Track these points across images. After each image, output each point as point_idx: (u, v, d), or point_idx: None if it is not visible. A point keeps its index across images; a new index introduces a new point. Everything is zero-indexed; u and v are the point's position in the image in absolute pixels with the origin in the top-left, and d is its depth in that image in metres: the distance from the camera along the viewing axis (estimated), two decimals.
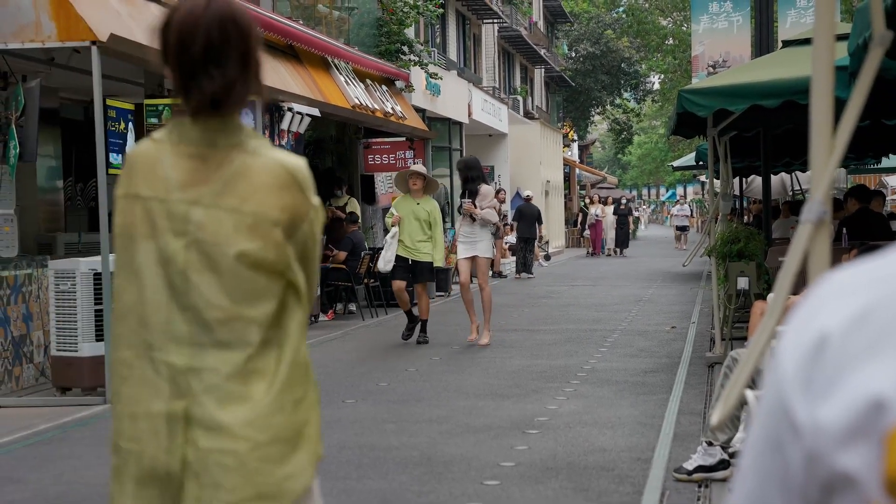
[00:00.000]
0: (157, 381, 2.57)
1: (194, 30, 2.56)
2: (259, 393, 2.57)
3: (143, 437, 2.58)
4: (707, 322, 14.86)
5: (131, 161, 2.68)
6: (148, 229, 2.59)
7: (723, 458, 6.45)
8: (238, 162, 2.61)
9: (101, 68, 9.92)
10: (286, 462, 2.60)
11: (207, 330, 2.57)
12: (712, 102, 10.19)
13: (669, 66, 35.33)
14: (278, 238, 2.60)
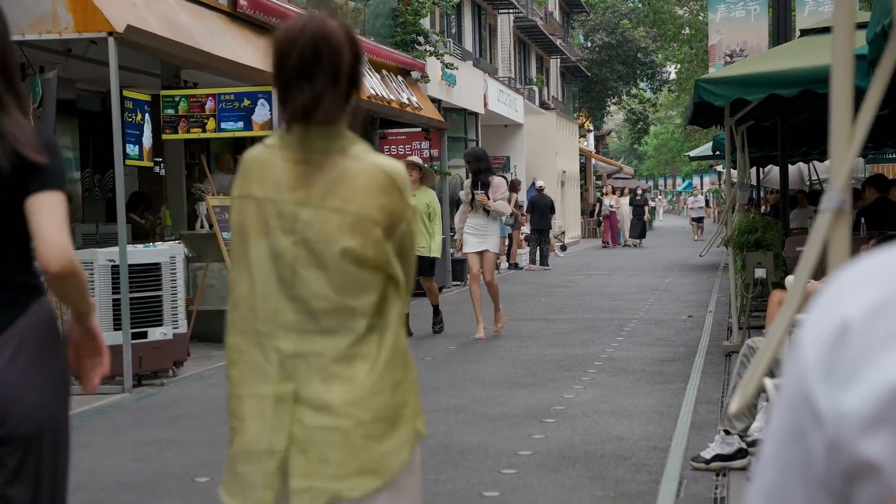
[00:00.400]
0: (266, 366, 2.79)
1: (290, 48, 2.80)
2: (362, 375, 2.78)
3: (247, 417, 2.80)
4: (724, 311, 14.84)
5: (246, 164, 2.92)
6: (261, 227, 2.83)
7: (740, 447, 6.44)
8: (341, 166, 2.82)
9: (117, 59, 9.95)
10: (386, 439, 2.80)
11: (314, 319, 2.79)
12: (729, 92, 10.16)
13: (686, 56, 35.22)
14: (378, 236, 2.80)
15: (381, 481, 2.79)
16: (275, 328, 2.81)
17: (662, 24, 35.73)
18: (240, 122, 13.10)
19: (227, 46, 12.87)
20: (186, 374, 10.68)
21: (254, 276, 2.83)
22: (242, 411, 2.83)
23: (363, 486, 2.77)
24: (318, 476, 2.75)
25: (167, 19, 11.47)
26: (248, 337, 2.84)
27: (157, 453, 7.35)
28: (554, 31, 47.98)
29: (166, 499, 6.21)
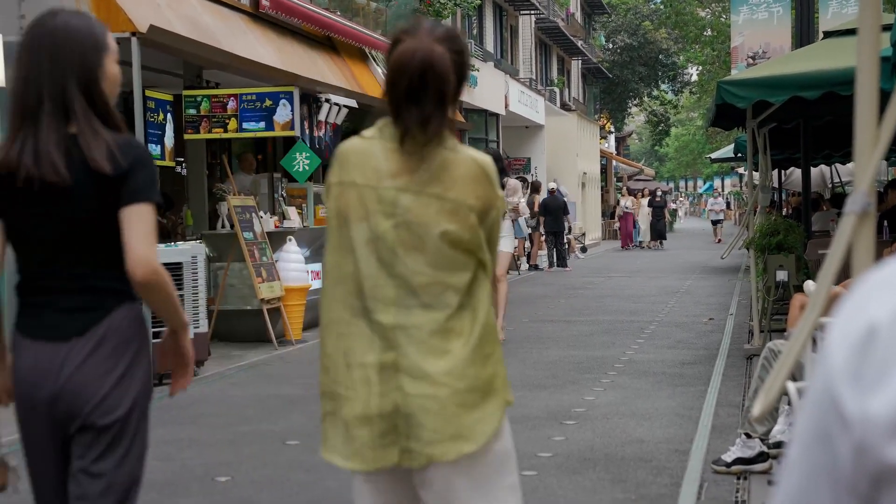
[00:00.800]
0: (371, 337, 3.03)
1: (401, 75, 3.02)
2: (457, 348, 3.02)
3: (356, 384, 3.04)
4: (745, 314, 14.79)
5: (344, 154, 3.13)
6: (361, 212, 3.06)
7: (762, 451, 6.42)
8: (440, 157, 3.06)
9: (140, 59, 9.98)
10: (478, 408, 3.03)
11: (413, 294, 3.03)
12: (752, 94, 10.13)
13: (708, 58, 35.11)
14: (473, 222, 3.06)
15: (473, 446, 3.01)
16: (376, 303, 3.04)
17: (684, 26, 35.61)
18: (261, 122, 13.14)
19: (249, 47, 12.91)
20: (207, 374, 10.70)
21: (356, 256, 3.07)
22: (352, 380, 3.07)
23: (457, 451, 2.99)
24: (416, 440, 2.99)
25: (190, 19, 11.51)
26: (353, 311, 3.07)
27: (178, 452, 7.37)
28: (575, 33, 47.92)
29: (187, 498, 6.23)
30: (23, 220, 3.20)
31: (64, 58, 3.18)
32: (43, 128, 3.15)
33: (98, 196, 3.12)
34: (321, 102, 14.77)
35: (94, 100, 3.20)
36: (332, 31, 16.19)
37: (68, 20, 3.24)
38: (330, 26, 16.04)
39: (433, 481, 3.05)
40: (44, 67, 3.19)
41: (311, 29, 15.54)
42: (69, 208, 3.13)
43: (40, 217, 3.17)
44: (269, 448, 7.45)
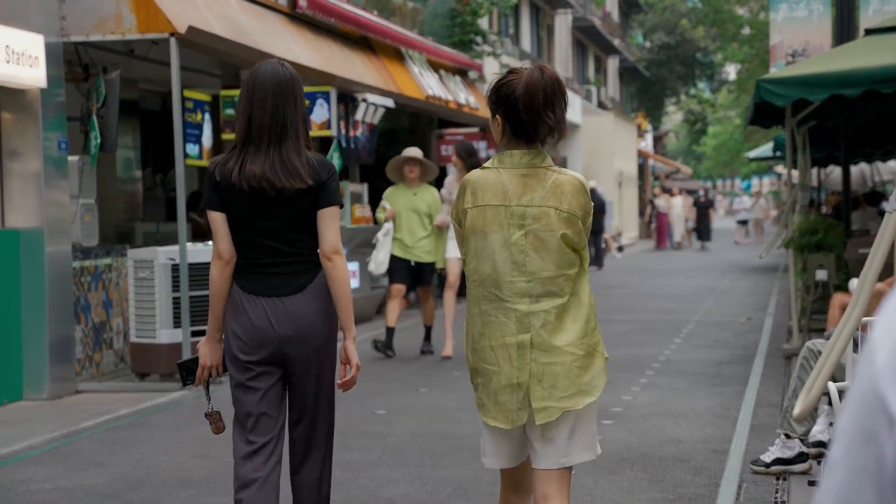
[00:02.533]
0: (509, 323, 3.88)
1: (536, 88, 3.86)
2: (574, 324, 3.91)
3: (500, 361, 3.88)
4: (784, 314, 14.71)
5: (473, 183, 3.98)
6: (497, 225, 3.91)
7: (801, 451, 6.38)
8: (552, 178, 3.94)
9: (179, 60, 10.03)
10: (591, 369, 3.92)
11: (541, 286, 3.89)
12: (791, 92, 10.06)
13: (746, 56, 34.91)
14: (579, 227, 3.93)
15: (593, 397, 3.91)
16: (512, 295, 3.89)
17: (722, 24, 35.41)
18: None
19: (286, 47, 12.94)
20: None
21: (494, 260, 3.91)
22: (496, 358, 3.91)
23: (583, 402, 3.88)
24: (551, 398, 3.84)
25: (228, 20, 11.56)
26: (494, 303, 3.92)
27: (216, 450, 7.40)
28: (612, 31, 47.78)
29: (225, 495, 6.25)
30: (247, 216, 4.30)
31: (287, 99, 4.30)
32: (279, 148, 4.28)
33: (307, 200, 4.29)
34: (358, 102, 14.79)
35: (304, 128, 4.38)
36: (369, 31, 16.21)
37: (283, 71, 4.37)
38: (367, 26, 16.07)
39: (553, 426, 3.88)
40: (269, 104, 4.27)
41: (348, 29, 15.57)
42: (292, 208, 4.29)
43: (269, 215, 4.29)
44: None
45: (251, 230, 4.32)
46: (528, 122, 3.90)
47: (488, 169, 4.00)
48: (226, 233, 4.34)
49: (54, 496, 6.35)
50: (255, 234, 4.32)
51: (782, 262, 22.49)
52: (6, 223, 9.62)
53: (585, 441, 3.96)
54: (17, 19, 9.19)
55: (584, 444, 3.96)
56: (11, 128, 9.58)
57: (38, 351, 9.52)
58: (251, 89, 4.31)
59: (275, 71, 4.33)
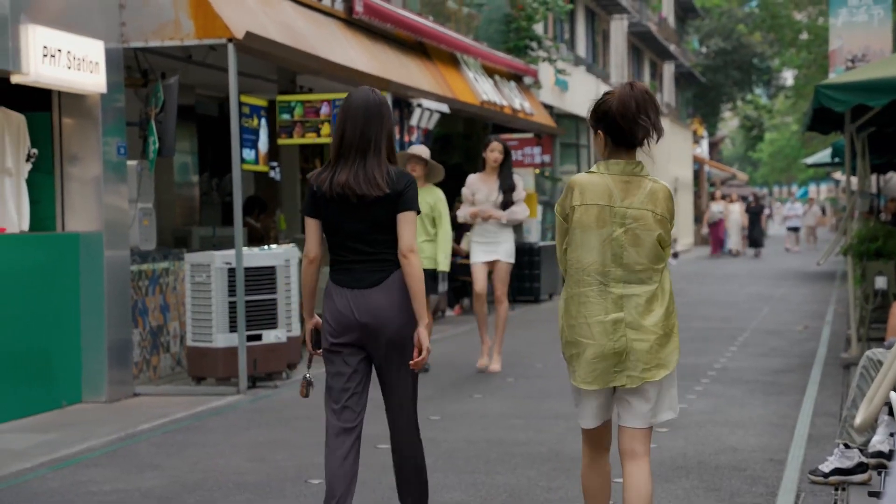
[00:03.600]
0: (606, 303, 4.62)
1: (629, 99, 4.59)
2: (659, 308, 4.65)
3: (596, 335, 4.61)
4: (842, 322, 14.56)
5: (581, 184, 4.68)
6: (599, 223, 4.63)
7: (861, 461, 6.30)
8: (649, 185, 4.68)
9: (236, 65, 10.10)
10: (669, 346, 4.67)
11: (634, 275, 4.63)
12: (851, 97, 9.98)
13: (804, 62, 34.61)
14: (669, 227, 4.70)
15: (668, 371, 4.64)
16: (609, 280, 4.63)
17: (780, 29, 35.13)
18: None
19: (342, 52, 13.00)
20: (300, 377, 10.77)
21: (595, 252, 4.64)
22: (592, 333, 4.62)
23: (660, 374, 4.62)
24: (635, 369, 4.60)
25: (285, 26, 11.62)
26: (594, 287, 4.64)
27: (271, 454, 7.44)
28: (668, 37, 47.56)
29: (280, 499, 6.28)
30: (337, 221, 5.01)
31: (373, 120, 5.02)
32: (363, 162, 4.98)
33: (387, 206, 4.97)
34: (413, 107, 14.82)
35: (388, 145, 5.06)
36: (424, 37, 16.25)
37: (372, 96, 5.09)
38: (422, 31, 16.10)
39: (641, 392, 4.64)
40: (359, 124, 5.00)
41: (404, 34, 15.61)
42: (374, 213, 4.98)
43: (356, 219, 4.99)
44: (360, 451, 7.48)
45: (340, 232, 5.04)
46: (626, 128, 4.64)
47: (595, 173, 4.73)
48: (315, 236, 5.09)
49: (112, 498, 6.41)
50: (343, 235, 5.03)
51: (840, 269, 22.28)
52: (66, 227, 9.72)
53: (668, 403, 4.72)
54: (78, 26, 9.30)
55: (667, 405, 4.72)
56: (72, 133, 9.69)
57: (97, 354, 9.61)
58: (345, 111, 5.06)
59: (365, 96, 5.08)
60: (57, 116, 9.69)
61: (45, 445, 7.87)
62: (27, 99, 9.44)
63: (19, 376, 8.93)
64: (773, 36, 38.08)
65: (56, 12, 9.09)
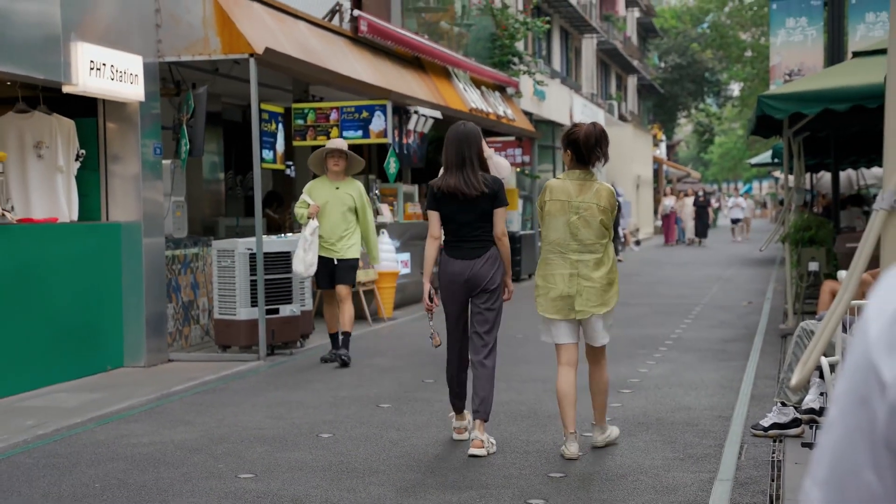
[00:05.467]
0: (565, 264, 5.97)
1: (589, 136, 5.94)
2: (604, 268, 5.98)
3: (558, 283, 5.98)
4: (780, 299, 14.59)
5: (551, 186, 6.06)
6: (562, 212, 5.97)
7: (795, 417, 6.33)
8: (596, 186, 6.01)
9: (257, 77, 10.07)
10: (610, 292, 6.01)
11: (585, 247, 5.97)
12: (788, 106, 9.98)
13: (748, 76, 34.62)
14: (609, 216, 5.98)
15: (609, 308, 6.02)
16: (568, 251, 5.98)
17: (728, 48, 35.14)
18: (359, 130, 13.20)
19: (349, 66, 12.97)
20: (311, 346, 10.79)
21: (558, 231, 6.00)
22: (555, 281, 6.00)
23: (603, 310, 5.99)
24: (585, 305, 5.96)
25: (299, 43, 11.59)
26: (557, 254, 6.01)
27: (287, 412, 7.45)
28: (631, 54, 47.50)
29: (295, 451, 6.29)
30: (452, 212, 6.31)
31: (470, 143, 6.35)
32: (462, 172, 6.30)
33: (488, 203, 6.29)
34: (410, 114, 14.79)
35: (479, 160, 6.36)
36: (420, 52, 16.22)
37: (469, 127, 6.46)
38: (418, 48, 16.07)
39: (590, 323, 6.03)
40: (461, 146, 6.34)
41: (402, 50, 15.58)
42: (478, 207, 6.28)
43: (466, 212, 6.28)
44: (364, 410, 7.50)
45: (454, 221, 6.35)
46: (585, 153, 6.01)
47: (560, 179, 6.07)
48: (437, 223, 6.38)
49: (150, 449, 6.41)
50: (456, 223, 6.34)
51: (779, 255, 22.31)
52: (110, 217, 9.70)
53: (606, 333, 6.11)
54: (120, 43, 9.27)
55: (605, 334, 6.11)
56: (114, 136, 9.66)
57: (137, 326, 9.61)
58: (449, 138, 6.42)
59: (462, 127, 6.44)
60: (102, 121, 9.66)
61: (92, 403, 7.87)
62: (76, 106, 9.42)
63: (70, 344, 8.93)
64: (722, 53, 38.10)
65: (101, 31, 9.06)
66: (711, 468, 5.71)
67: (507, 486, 5.41)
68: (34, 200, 9.21)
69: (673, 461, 5.89)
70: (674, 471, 5.67)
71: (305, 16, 12.50)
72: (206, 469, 5.86)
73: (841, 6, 14.91)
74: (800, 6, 17.60)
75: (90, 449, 6.44)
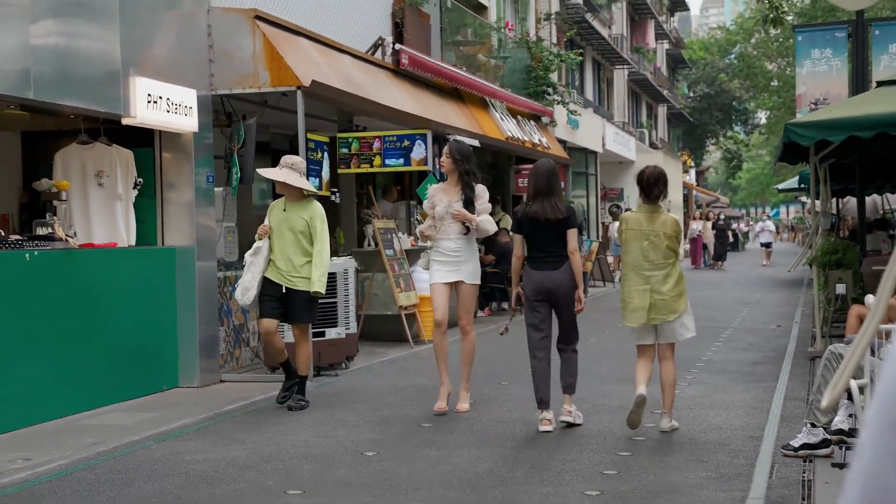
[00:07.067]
0: (640, 280, 7.10)
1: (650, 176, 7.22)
2: (671, 281, 7.09)
3: (634, 298, 7.11)
4: (808, 322, 14.46)
5: (626, 218, 7.31)
6: (635, 239, 7.14)
7: (825, 438, 6.28)
8: (663, 216, 7.15)
9: (304, 108, 10.17)
10: (679, 301, 7.13)
11: (655, 265, 7.08)
12: (814, 134, 9.94)
13: (774, 104, 34.41)
14: (675, 240, 7.11)
15: (678, 314, 7.12)
16: (642, 269, 7.11)
17: (755, 78, 34.97)
18: (401, 158, 13.27)
19: (391, 97, 13.06)
20: (356, 367, 10.83)
21: (633, 253, 7.13)
22: (632, 297, 7.14)
23: (672, 317, 7.09)
24: (657, 314, 7.10)
25: (344, 75, 11.70)
26: (634, 272, 7.14)
27: (333, 431, 7.48)
28: (661, 84, 47.39)
29: (341, 468, 6.32)
30: (534, 233, 7.39)
31: (552, 177, 7.48)
32: (550, 199, 7.37)
33: (563, 226, 7.35)
34: (449, 142, 14.83)
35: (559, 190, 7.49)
36: (459, 84, 16.29)
37: (550, 163, 7.64)
38: (457, 79, 16.14)
39: (662, 327, 7.17)
40: (545, 179, 7.44)
41: (442, 82, 15.66)
42: (556, 228, 7.35)
43: (545, 232, 7.35)
44: (407, 429, 7.52)
45: (535, 240, 7.42)
46: (648, 191, 7.19)
47: (634, 211, 7.32)
48: (521, 244, 7.48)
49: (204, 466, 6.47)
50: (537, 242, 7.42)
51: (807, 277, 22.11)
52: (165, 242, 9.82)
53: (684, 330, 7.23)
54: (176, 78, 9.40)
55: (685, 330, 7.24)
56: (169, 165, 9.79)
57: (191, 347, 9.69)
58: (535, 172, 7.51)
59: (547, 163, 7.64)
60: (158, 151, 9.79)
61: (149, 422, 7.95)
62: (134, 137, 9.55)
63: (128, 365, 9.02)
64: (749, 83, 37.90)
65: (158, 66, 9.19)
66: (743, 487, 5.68)
67: None
68: (95, 226, 9.34)
69: (706, 480, 5.86)
70: (706, 489, 5.64)
71: (350, 50, 12.61)
72: (257, 485, 5.91)
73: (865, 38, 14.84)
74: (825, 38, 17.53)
75: (147, 465, 6.50)
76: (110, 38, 8.59)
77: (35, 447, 7.03)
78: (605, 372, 10.08)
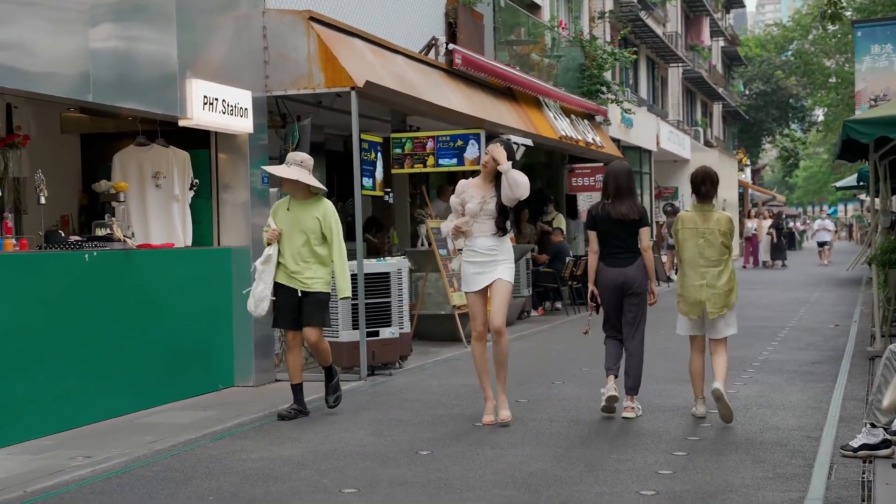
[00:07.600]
0: (696, 276, 7.51)
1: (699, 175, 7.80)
2: (725, 276, 7.49)
3: (691, 291, 7.54)
4: (867, 321, 14.22)
5: (682, 217, 7.68)
6: (691, 237, 7.53)
7: (885, 438, 6.16)
8: (716, 215, 7.54)
9: (358, 109, 10.20)
10: (731, 296, 7.53)
11: (710, 262, 7.47)
12: (874, 130, 9.79)
13: (832, 101, 33.94)
14: (729, 237, 7.55)
15: (730, 308, 7.53)
16: (697, 266, 7.48)
17: (812, 75, 34.52)
18: (454, 158, 13.27)
19: (444, 97, 13.06)
20: (410, 367, 10.85)
21: (690, 251, 7.50)
22: (689, 292, 7.52)
23: (725, 311, 7.49)
24: (713, 308, 7.45)
25: (397, 76, 11.72)
26: (690, 268, 7.51)
27: (388, 430, 7.49)
28: (717, 81, 46.95)
29: (395, 467, 6.33)
30: (608, 231, 7.72)
31: (630, 178, 7.87)
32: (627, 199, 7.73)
33: (637, 224, 7.71)
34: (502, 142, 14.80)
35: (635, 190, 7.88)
36: (512, 83, 16.25)
37: (625, 164, 8.07)
38: (510, 79, 16.11)
39: (714, 321, 7.54)
40: (625, 179, 7.80)
41: (495, 81, 15.63)
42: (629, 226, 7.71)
43: (619, 230, 7.70)
44: (461, 428, 7.51)
45: (609, 237, 7.75)
46: (699, 189, 7.61)
47: (688, 211, 7.67)
48: (595, 240, 7.78)
49: (260, 464, 6.51)
50: (611, 239, 7.74)
51: (866, 276, 21.76)
52: (221, 243, 9.90)
53: (730, 327, 7.60)
54: (232, 80, 9.48)
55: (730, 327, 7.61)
56: (225, 166, 9.87)
57: (246, 347, 9.76)
58: (614, 173, 7.83)
59: (622, 164, 8.08)
60: (214, 153, 9.88)
61: (205, 420, 8.02)
62: (191, 139, 9.64)
63: (184, 364, 9.11)
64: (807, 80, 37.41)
65: (214, 69, 9.28)
66: (801, 488, 5.59)
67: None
68: (152, 227, 9.45)
69: (763, 480, 5.78)
70: (763, 490, 5.57)
71: (403, 50, 12.63)
72: (312, 483, 5.93)
73: None
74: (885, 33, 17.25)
75: (204, 463, 6.56)
76: (167, 40, 8.69)
77: (94, 445, 7.13)
78: (661, 372, 9.98)
